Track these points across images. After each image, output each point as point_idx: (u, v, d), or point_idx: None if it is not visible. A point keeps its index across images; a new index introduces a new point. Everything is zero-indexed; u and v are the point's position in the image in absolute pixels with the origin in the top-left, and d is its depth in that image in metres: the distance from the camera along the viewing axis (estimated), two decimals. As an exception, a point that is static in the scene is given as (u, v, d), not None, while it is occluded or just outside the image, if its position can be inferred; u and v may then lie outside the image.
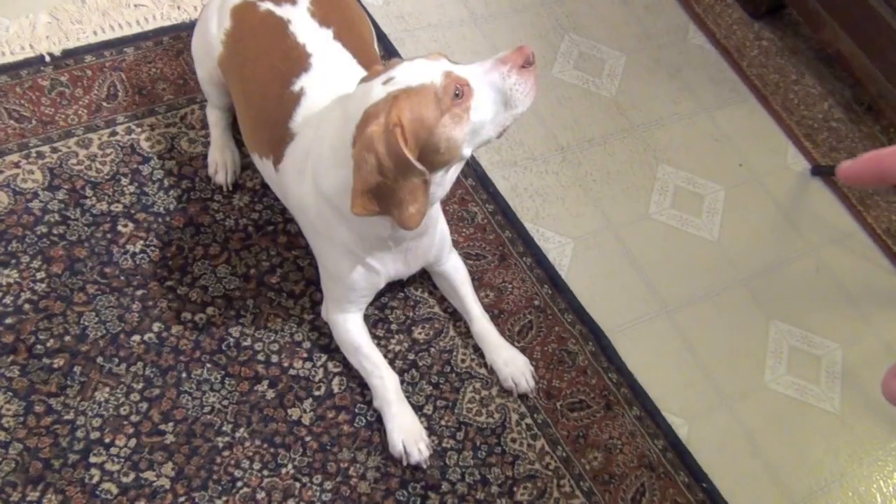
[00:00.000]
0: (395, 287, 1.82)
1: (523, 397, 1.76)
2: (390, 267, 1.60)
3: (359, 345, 1.66)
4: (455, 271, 1.79)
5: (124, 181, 1.81)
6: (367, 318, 1.75)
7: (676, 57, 2.52)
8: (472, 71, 1.30)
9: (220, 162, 1.85)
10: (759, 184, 2.31)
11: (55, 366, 1.59)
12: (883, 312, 2.18)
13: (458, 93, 1.26)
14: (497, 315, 1.85)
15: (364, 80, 1.37)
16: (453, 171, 1.39)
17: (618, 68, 2.43)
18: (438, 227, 1.65)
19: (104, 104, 1.91)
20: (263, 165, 1.65)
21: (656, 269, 2.07)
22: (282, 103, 1.54)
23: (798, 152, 2.40)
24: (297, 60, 1.56)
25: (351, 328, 1.67)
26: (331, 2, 1.68)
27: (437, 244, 1.68)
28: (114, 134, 1.87)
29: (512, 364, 1.76)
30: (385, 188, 1.29)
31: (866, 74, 2.34)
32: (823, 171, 2.35)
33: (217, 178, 1.85)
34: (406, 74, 1.29)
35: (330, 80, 1.54)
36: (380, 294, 1.77)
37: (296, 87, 1.53)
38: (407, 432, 1.62)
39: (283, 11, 1.61)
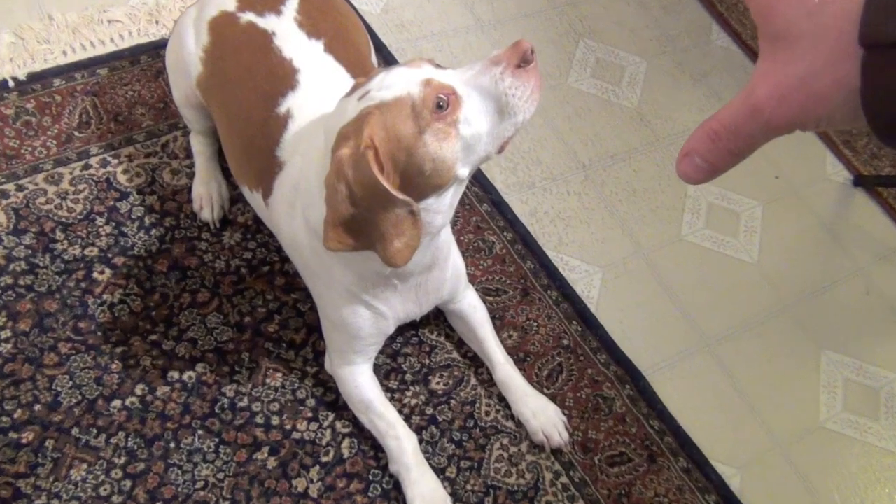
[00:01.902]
0: (406, 330, 1.62)
1: (557, 452, 1.57)
2: (398, 308, 1.39)
3: (369, 401, 1.46)
4: (473, 310, 1.59)
5: (100, 221, 1.60)
6: (377, 368, 1.55)
7: (700, 61, 2.32)
8: (458, 76, 1.08)
9: (205, 196, 1.65)
10: (798, 197, 2.12)
11: (24, 441, 1.38)
12: (939, 335, 2.00)
13: (442, 104, 1.04)
14: (522, 359, 1.66)
15: (345, 95, 1.16)
16: (452, 195, 1.16)
17: (638, 75, 2.23)
18: (451, 259, 1.44)
19: (76, 133, 1.70)
20: (253, 198, 1.45)
21: (693, 298, 1.88)
22: (267, 128, 1.34)
23: (838, 161, 2.21)
24: (284, 78, 1.36)
25: (360, 382, 1.47)
26: (320, 9, 1.48)
27: (451, 279, 1.47)
28: (87, 167, 1.66)
29: (542, 415, 1.56)
30: (362, 220, 1.09)
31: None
32: (867, 182, 2.16)
33: (203, 215, 1.64)
34: (381, 86, 1.08)
35: (320, 99, 1.33)
36: (390, 339, 1.57)
37: (282, 109, 1.34)
38: (429, 500, 1.42)
39: (266, 23, 1.42)
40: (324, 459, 1.47)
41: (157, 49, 1.85)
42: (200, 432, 1.45)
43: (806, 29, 0.44)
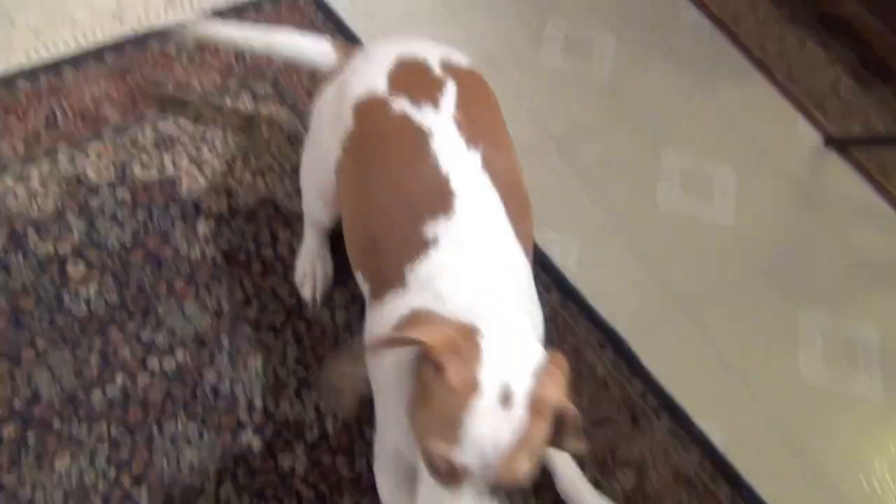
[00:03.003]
0: None
1: None
2: None
3: None
4: None
5: (71, 217, 1.61)
6: None
7: (670, 34, 2.35)
8: None
9: (309, 274, 1.61)
10: (771, 161, 2.14)
11: (5, 436, 1.38)
12: (915, 286, 2.02)
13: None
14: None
15: None
16: None
17: (608, 51, 2.25)
18: None
19: (43, 133, 1.70)
20: (363, 286, 1.33)
21: (671, 263, 1.89)
22: (407, 243, 1.19)
23: (808, 124, 2.23)
24: (439, 198, 1.20)
25: (396, 496, 1.33)
26: (476, 99, 1.32)
27: None
28: (56, 165, 1.66)
29: None
30: None
31: (873, 35, 2.18)
32: (837, 143, 2.18)
33: (304, 293, 1.62)
34: None
35: (470, 240, 1.19)
36: None
37: (429, 233, 1.18)
38: None
39: (423, 117, 1.24)
40: (308, 437, 1.48)
41: (121, 47, 1.86)
42: (183, 418, 1.45)
43: None
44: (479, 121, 1.28)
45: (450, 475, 0.93)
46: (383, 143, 1.26)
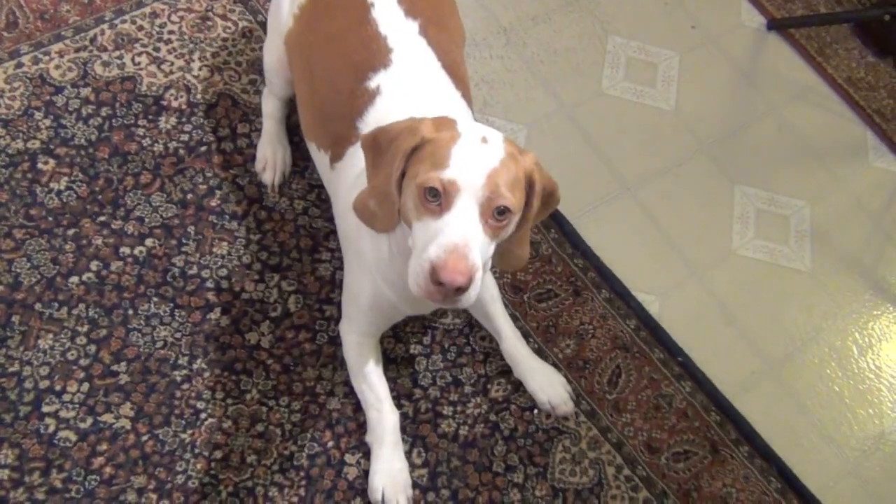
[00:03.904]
0: (457, 338, 1.67)
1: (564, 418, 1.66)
2: (406, 300, 1.38)
3: (366, 372, 1.52)
4: (484, 289, 1.56)
5: (38, 115, 1.68)
6: (439, 375, 1.63)
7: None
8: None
9: (270, 159, 1.70)
10: (715, 45, 2.21)
11: (-9, 318, 1.51)
12: (848, 164, 2.13)
13: (437, 197, 1.11)
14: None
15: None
16: (394, 245, 1.29)
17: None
18: None
19: (4, 34, 1.75)
20: (319, 157, 1.50)
21: (614, 147, 1.99)
22: (353, 98, 1.37)
23: (752, 7, 2.29)
24: (376, 53, 1.37)
25: (363, 352, 1.52)
26: None
27: None
28: (19, 66, 1.72)
29: (549, 388, 1.62)
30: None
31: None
32: (780, 25, 2.25)
33: (264, 177, 1.71)
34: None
35: (410, 83, 1.37)
36: (442, 348, 1.65)
37: (371, 84, 1.36)
38: (392, 480, 1.47)
39: None
40: (272, 315, 1.61)
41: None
42: (155, 299, 1.57)
43: None
44: (422, 1, 1.45)
45: (445, 193, 1.08)
46: (329, 13, 1.43)
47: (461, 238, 1.07)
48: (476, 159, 1.10)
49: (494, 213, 1.10)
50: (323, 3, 1.45)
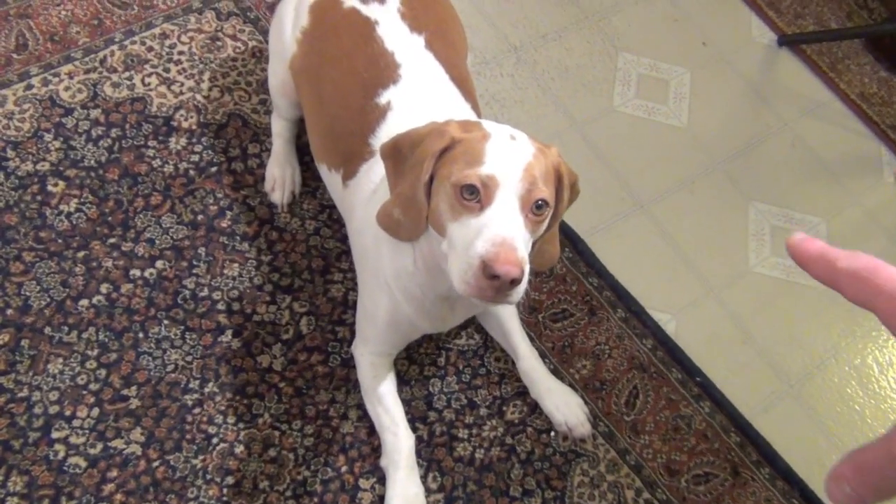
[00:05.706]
0: (473, 360, 1.65)
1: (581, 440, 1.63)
2: (424, 317, 1.37)
3: (381, 394, 1.50)
4: (502, 307, 1.58)
5: (48, 137, 1.67)
6: (454, 398, 1.61)
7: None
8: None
9: (279, 179, 1.69)
10: (726, 61, 2.20)
11: (0, 342, 1.48)
12: (861, 180, 2.11)
13: (476, 194, 1.08)
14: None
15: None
16: (428, 252, 1.23)
17: (565, -44, 2.27)
18: None
19: (14, 56, 1.75)
20: (331, 177, 1.49)
21: (627, 164, 1.98)
22: (363, 115, 1.37)
23: (762, 23, 2.28)
24: (385, 70, 1.38)
25: (378, 373, 1.51)
26: (423, 1, 1.49)
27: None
28: (29, 87, 1.71)
29: (566, 408, 1.60)
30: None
31: (826, -69, 2.21)
32: (791, 41, 2.23)
33: (273, 197, 1.69)
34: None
35: (420, 97, 1.37)
36: (456, 370, 1.63)
37: (381, 100, 1.36)
38: (408, 503, 1.45)
39: (370, 11, 1.43)
40: (284, 337, 1.58)
41: (85, -32, 1.88)
42: (166, 322, 1.55)
43: None
44: (424, 14, 1.46)
45: (484, 189, 1.06)
46: (334, 34, 1.43)
47: (507, 231, 1.05)
48: (510, 154, 1.09)
49: (533, 207, 1.08)
50: (325, 25, 1.46)
